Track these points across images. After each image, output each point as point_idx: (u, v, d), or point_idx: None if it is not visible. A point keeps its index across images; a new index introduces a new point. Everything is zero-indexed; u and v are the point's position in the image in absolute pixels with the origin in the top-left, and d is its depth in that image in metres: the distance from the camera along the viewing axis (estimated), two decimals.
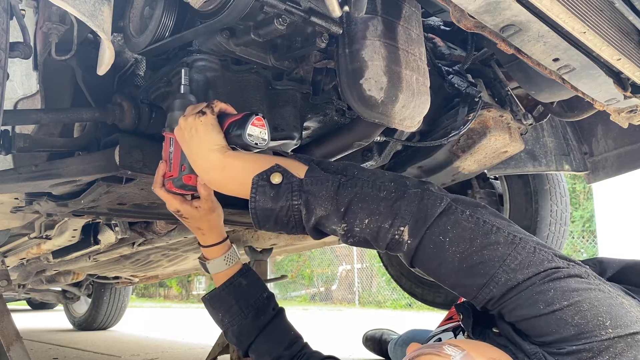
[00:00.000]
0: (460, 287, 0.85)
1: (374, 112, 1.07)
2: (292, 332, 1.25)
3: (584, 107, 1.56)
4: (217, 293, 1.24)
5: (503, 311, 0.82)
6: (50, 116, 1.11)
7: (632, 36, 1.01)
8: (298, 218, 0.90)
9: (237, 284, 1.22)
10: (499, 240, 0.81)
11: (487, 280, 0.80)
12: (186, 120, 0.98)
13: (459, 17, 0.88)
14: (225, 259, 1.22)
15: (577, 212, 8.62)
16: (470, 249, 0.81)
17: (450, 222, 0.83)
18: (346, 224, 0.87)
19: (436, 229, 0.83)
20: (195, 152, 0.97)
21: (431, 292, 2.73)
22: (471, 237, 0.82)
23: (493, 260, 0.80)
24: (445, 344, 0.80)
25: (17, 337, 1.96)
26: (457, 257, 0.82)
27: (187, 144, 0.98)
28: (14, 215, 1.64)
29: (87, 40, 1.21)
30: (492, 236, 0.81)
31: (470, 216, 0.84)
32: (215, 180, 0.98)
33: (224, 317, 1.23)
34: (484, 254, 0.80)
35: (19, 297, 6.46)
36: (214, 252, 1.23)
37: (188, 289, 15.05)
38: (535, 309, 0.77)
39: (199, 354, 3.42)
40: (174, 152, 1.06)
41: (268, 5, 0.93)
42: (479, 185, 2.34)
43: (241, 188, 0.93)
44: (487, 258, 0.80)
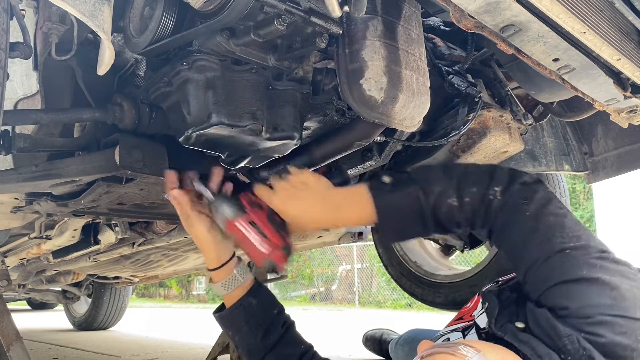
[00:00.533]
0: (525, 248, 0.94)
1: (374, 112, 1.07)
2: (302, 345, 1.25)
3: (584, 107, 1.56)
4: (227, 313, 1.21)
5: (546, 274, 0.89)
6: (50, 116, 1.11)
7: (632, 36, 1.01)
8: (418, 205, 1.02)
9: (247, 304, 1.20)
10: (566, 214, 0.94)
11: (546, 239, 0.90)
12: (289, 180, 1.10)
13: (459, 17, 0.88)
14: (223, 285, 1.20)
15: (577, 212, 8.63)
16: (541, 216, 0.93)
17: (530, 190, 0.97)
18: (459, 196, 1.00)
19: (518, 193, 0.97)
20: (311, 202, 1.08)
21: (431, 292, 2.73)
22: (543, 205, 0.95)
23: (555, 226, 0.91)
24: (460, 344, 0.81)
25: (17, 337, 1.96)
26: (530, 220, 0.94)
27: (293, 204, 1.08)
28: (14, 215, 1.64)
29: (87, 40, 1.21)
30: (561, 211, 0.95)
31: (545, 191, 0.98)
32: (337, 220, 1.09)
33: (234, 335, 1.23)
34: (549, 220, 0.93)
35: (19, 297, 6.47)
36: (215, 276, 1.21)
37: (188, 289, 15.05)
38: (579, 272, 0.85)
39: (199, 354, 3.42)
40: (261, 227, 1.10)
41: (268, 5, 0.93)
42: None
43: (363, 208, 1.05)
44: (552, 224, 0.92)
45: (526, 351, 0.85)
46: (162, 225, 1.85)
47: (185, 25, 1.03)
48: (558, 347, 0.82)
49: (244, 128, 1.08)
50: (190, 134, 1.08)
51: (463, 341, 0.85)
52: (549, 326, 0.85)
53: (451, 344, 0.83)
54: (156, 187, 1.31)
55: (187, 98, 1.07)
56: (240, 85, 1.09)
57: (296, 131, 1.17)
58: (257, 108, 1.10)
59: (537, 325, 0.87)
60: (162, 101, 1.15)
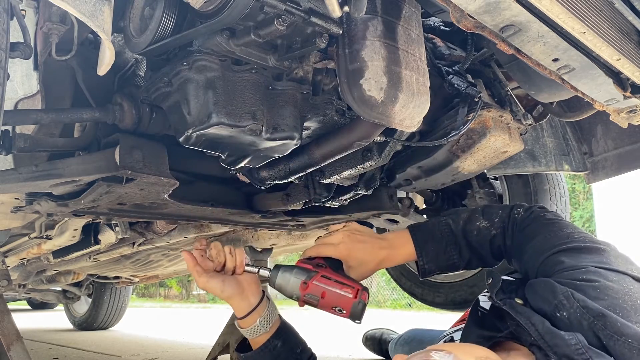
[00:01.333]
0: (546, 241, 1.08)
1: (373, 112, 1.07)
2: None
3: (583, 107, 1.56)
4: (253, 355, 1.26)
5: (552, 251, 1.03)
6: (51, 116, 1.11)
7: (632, 36, 1.01)
8: (449, 230, 1.23)
9: (273, 347, 1.25)
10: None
11: (564, 234, 1.06)
12: (348, 231, 1.26)
13: (458, 18, 0.88)
14: (249, 331, 1.25)
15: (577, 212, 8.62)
16: (558, 219, 1.13)
17: (545, 209, 1.19)
18: (488, 219, 1.21)
19: (538, 209, 1.18)
20: (363, 247, 1.23)
21: (431, 292, 2.73)
22: (557, 215, 1.16)
23: (570, 225, 1.10)
24: (431, 349, 0.86)
25: (18, 337, 1.96)
26: (550, 223, 1.12)
27: (359, 247, 1.23)
28: (15, 215, 1.64)
29: (87, 40, 1.21)
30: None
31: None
32: (391, 256, 1.25)
33: None
34: (564, 222, 1.12)
35: (19, 297, 6.47)
36: (242, 323, 1.26)
37: (188, 288, 15.05)
38: (579, 244, 1.01)
39: (199, 354, 3.43)
40: (336, 278, 1.18)
41: (268, 5, 0.93)
42: (479, 185, 2.33)
43: (407, 242, 1.25)
44: (567, 224, 1.11)
45: (522, 320, 0.90)
46: (162, 225, 1.85)
47: (186, 26, 1.03)
48: (554, 305, 0.88)
49: (244, 128, 1.09)
50: (190, 134, 1.08)
51: (433, 346, 0.89)
52: (546, 288, 0.92)
53: (423, 351, 0.87)
54: (156, 187, 1.31)
55: (187, 98, 1.07)
56: (240, 85, 1.09)
57: (296, 131, 1.17)
58: (257, 108, 1.10)
59: (534, 295, 0.94)
60: (163, 101, 1.15)
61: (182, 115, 1.08)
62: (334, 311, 1.17)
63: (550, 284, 0.92)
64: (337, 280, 1.18)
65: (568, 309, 0.87)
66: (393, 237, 1.27)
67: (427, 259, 1.23)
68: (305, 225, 1.97)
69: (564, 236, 1.05)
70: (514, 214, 1.18)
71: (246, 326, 1.24)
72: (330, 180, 1.51)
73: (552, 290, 0.91)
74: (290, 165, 1.38)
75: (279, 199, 1.66)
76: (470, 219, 1.22)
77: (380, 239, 1.26)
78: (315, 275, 1.18)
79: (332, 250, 1.24)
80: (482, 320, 1.08)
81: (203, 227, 1.96)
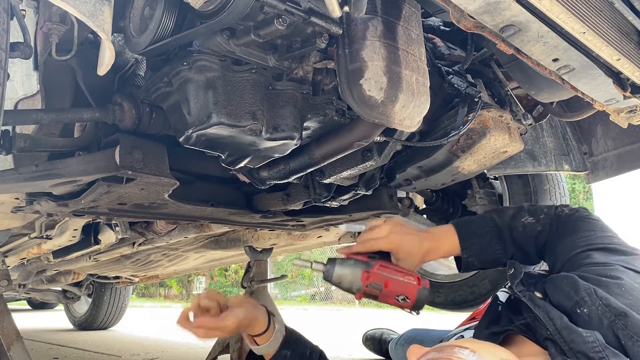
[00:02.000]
0: (588, 239, 1.08)
1: (373, 112, 1.07)
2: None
3: (583, 107, 1.56)
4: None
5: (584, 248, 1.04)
6: (51, 116, 1.11)
7: (632, 36, 1.01)
8: (494, 225, 1.21)
9: (283, 356, 1.27)
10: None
11: (605, 236, 1.07)
12: (394, 224, 1.24)
13: (458, 18, 0.89)
14: (269, 345, 1.27)
15: None
16: (600, 221, 1.15)
17: (588, 210, 1.21)
18: (534, 215, 1.20)
19: (583, 210, 1.19)
20: (411, 238, 1.21)
21: (431, 292, 2.73)
22: (598, 219, 1.16)
23: (610, 229, 1.12)
24: (455, 346, 0.83)
25: (18, 337, 1.96)
26: (596, 221, 1.14)
27: (408, 238, 1.22)
28: (15, 215, 1.64)
29: (87, 40, 1.21)
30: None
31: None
32: (434, 248, 1.24)
33: None
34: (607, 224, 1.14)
35: (19, 297, 6.46)
36: (261, 339, 1.28)
37: (188, 288, 15.05)
38: (609, 245, 1.02)
39: (199, 354, 3.43)
40: (396, 269, 1.17)
41: (268, 5, 0.93)
42: (479, 185, 2.33)
43: (452, 237, 1.24)
44: (609, 226, 1.13)
45: (540, 314, 0.89)
46: (163, 225, 1.85)
47: (186, 26, 1.03)
48: (576, 301, 0.87)
49: (244, 128, 1.09)
50: (190, 134, 1.08)
51: (456, 342, 0.86)
52: (569, 283, 0.91)
53: (445, 347, 0.84)
54: (156, 187, 1.31)
55: (187, 98, 1.07)
56: (240, 85, 1.09)
57: (296, 131, 1.17)
58: (257, 108, 1.10)
59: (555, 290, 0.93)
60: (163, 101, 1.15)
61: (182, 115, 1.08)
62: (397, 301, 1.15)
63: (573, 280, 0.91)
64: (398, 270, 1.16)
65: (589, 305, 0.86)
66: (436, 230, 1.28)
67: (471, 253, 1.22)
68: (305, 225, 1.97)
69: (603, 237, 1.05)
70: (559, 212, 1.18)
71: (265, 341, 1.27)
72: (330, 180, 1.51)
73: (575, 286, 0.90)
74: (290, 165, 1.38)
75: (279, 199, 1.66)
76: (516, 215, 1.21)
77: (424, 232, 1.26)
78: (375, 264, 1.16)
79: (383, 243, 1.21)
80: (499, 316, 1.08)
81: (203, 227, 1.96)
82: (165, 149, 1.28)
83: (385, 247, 1.21)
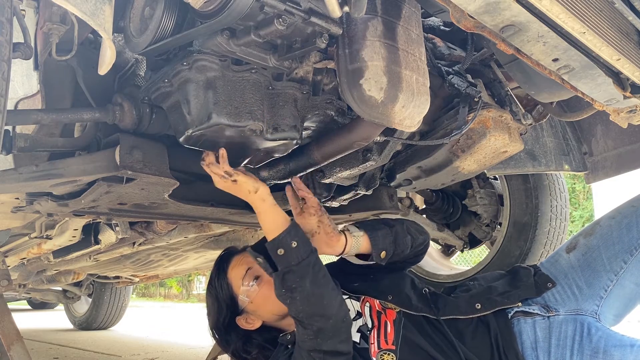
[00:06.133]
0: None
1: (374, 112, 1.07)
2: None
3: (583, 107, 1.56)
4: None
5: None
6: (51, 116, 1.11)
7: (632, 36, 1.01)
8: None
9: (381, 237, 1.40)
10: None
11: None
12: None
13: (458, 18, 0.89)
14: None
15: (577, 212, 8.61)
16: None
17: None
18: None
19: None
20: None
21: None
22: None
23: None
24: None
25: (18, 337, 1.96)
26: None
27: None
28: (15, 215, 1.64)
29: (87, 40, 1.21)
30: None
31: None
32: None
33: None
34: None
35: (19, 297, 6.47)
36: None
37: (188, 288, 15.04)
38: None
39: (199, 354, 3.43)
40: None
41: (268, 5, 0.93)
42: (479, 185, 2.34)
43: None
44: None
45: None
46: (163, 225, 1.85)
47: (186, 26, 1.03)
48: None
49: (244, 128, 1.09)
50: (190, 134, 1.08)
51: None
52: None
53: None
54: (156, 187, 1.31)
55: (187, 98, 1.07)
56: (240, 85, 1.09)
57: (296, 131, 1.17)
58: (257, 108, 1.10)
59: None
60: (163, 101, 1.15)
61: (182, 115, 1.08)
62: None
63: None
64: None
65: None
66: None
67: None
68: None
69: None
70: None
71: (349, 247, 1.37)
72: (330, 180, 1.51)
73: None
74: (290, 165, 1.38)
75: (279, 199, 1.66)
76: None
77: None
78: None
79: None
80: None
81: (203, 227, 1.96)
82: (166, 149, 1.28)
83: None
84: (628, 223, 1.32)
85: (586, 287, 1.29)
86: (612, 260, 1.29)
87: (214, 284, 1.39)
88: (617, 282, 1.28)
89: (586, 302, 1.28)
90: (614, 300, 1.28)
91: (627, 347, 1.15)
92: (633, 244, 1.28)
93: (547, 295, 1.31)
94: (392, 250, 1.33)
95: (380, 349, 1.23)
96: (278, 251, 1.16)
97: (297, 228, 1.20)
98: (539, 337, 1.24)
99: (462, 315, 1.28)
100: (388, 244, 1.33)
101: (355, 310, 1.32)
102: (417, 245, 1.40)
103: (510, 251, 2.19)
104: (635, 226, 1.30)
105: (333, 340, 1.15)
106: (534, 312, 1.28)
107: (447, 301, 1.33)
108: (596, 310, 1.27)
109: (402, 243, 1.35)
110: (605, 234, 1.35)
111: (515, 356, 1.22)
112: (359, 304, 1.33)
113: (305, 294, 1.14)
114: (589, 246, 1.35)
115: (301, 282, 1.14)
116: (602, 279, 1.29)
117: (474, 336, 1.26)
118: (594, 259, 1.32)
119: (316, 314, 1.15)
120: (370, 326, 1.28)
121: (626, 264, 1.27)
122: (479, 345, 1.24)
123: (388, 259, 1.34)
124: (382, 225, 1.38)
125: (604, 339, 1.18)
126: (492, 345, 1.24)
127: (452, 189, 2.38)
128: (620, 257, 1.28)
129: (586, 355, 1.18)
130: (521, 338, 1.25)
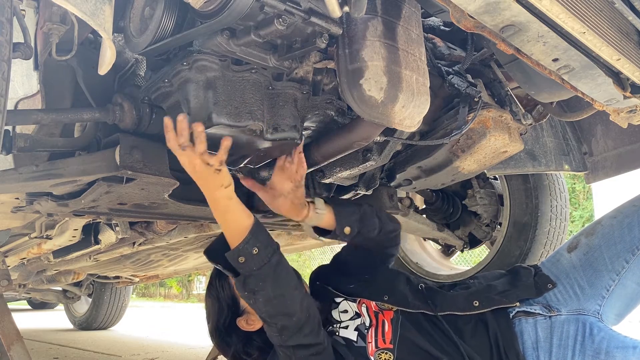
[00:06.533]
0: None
1: (374, 112, 1.07)
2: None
3: (583, 107, 1.56)
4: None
5: None
6: (51, 116, 1.11)
7: (632, 36, 1.01)
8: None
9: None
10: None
11: None
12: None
13: (458, 18, 0.89)
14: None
15: (577, 212, 8.60)
16: None
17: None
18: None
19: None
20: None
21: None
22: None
23: None
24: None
25: (18, 337, 1.96)
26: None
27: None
28: (15, 215, 1.64)
29: (87, 40, 1.21)
30: None
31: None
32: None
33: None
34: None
35: (19, 297, 6.46)
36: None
37: (188, 288, 15.04)
38: None
39: (199, 354, 3.43)
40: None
41: (268, 5, 0.93)
42: (479, 185, 2.34)
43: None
44: None
45: None
46: (163, 225, 1.85)
47: (186, 26, 1.03)
48: None
49: (244, 128, 1.09)
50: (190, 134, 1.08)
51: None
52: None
53: None
54: (156, 187, 1.31)
55: (187, 98, 1.07)
56: (240, 85, 1.09)
57: (296, 131, 1.17)
58: (257, 108, 1.10)
59: None
60: (163, 101, 1.15)
61: None
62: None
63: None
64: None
65: None
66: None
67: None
68: None
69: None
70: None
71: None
72: (330, 180, 1.51)
73: None
74: None
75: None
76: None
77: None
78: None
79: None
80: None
81: (203, 227, 1.96)
82: (166, 149, 1.28)
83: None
84: (630, 222, 1.32)
85: (588, 286, 1.29)
86: (613, 260, 1.29)
87: (215, 285, 1.38)
88: (619, 281, 1.28)
89: (588, 302, 1.27)
90: (615, 300, 1.28)
91: (629, 348, 1.15)
92: (635, 244, 1.28)
93: (548, 295, 1.31)
94: (356, 228, 1.35)
95: (378, 348, 1.24)
96: (239, 259, 1.16)
97: (258, 233, 1.18)
98: (540, 337, 1.24)
99: (459, 312, 1.28)
100: (354, 221, 1.36)
101: (353, 311, 1.32)
102: (387, 232, 1.41)
103: (510, 251, 2.19)
104: (636, 226, 1.30)
105: (297, 335, 1.18)
106: (535, 312, 1.27)
107: (445, 297, 1.33)
108: (598, 310, 1.27)
109: (368, 224, 1.37)
110: (606, 233, 1.34)
111: (516, 356, 1.22)
112: (355, 305, 1.33)
113: (267, 296, 1.16)
114: (590, 246, 1.35)
115: (263, 285, 1.16)
116: (604, 278, 1.28)
117: (473, 334, 1.25)
118: (596, 259, 1.32)
119: (279, 313, 1.17)
120: (368, 324, 1.28)
121: (628, 263, 1.27)
122: (479, 344, 1.24)
123: (353, 236, 1.36)
124: (351, 204, 1.42)
125: (607, 340, 1.18)
126: (491, 345, 1.23)
127: (452, 189, 2.38)
128: (622, 257, 1.28)
129: (588, 355, 1.18)
130: (522, 338, 1.25)
